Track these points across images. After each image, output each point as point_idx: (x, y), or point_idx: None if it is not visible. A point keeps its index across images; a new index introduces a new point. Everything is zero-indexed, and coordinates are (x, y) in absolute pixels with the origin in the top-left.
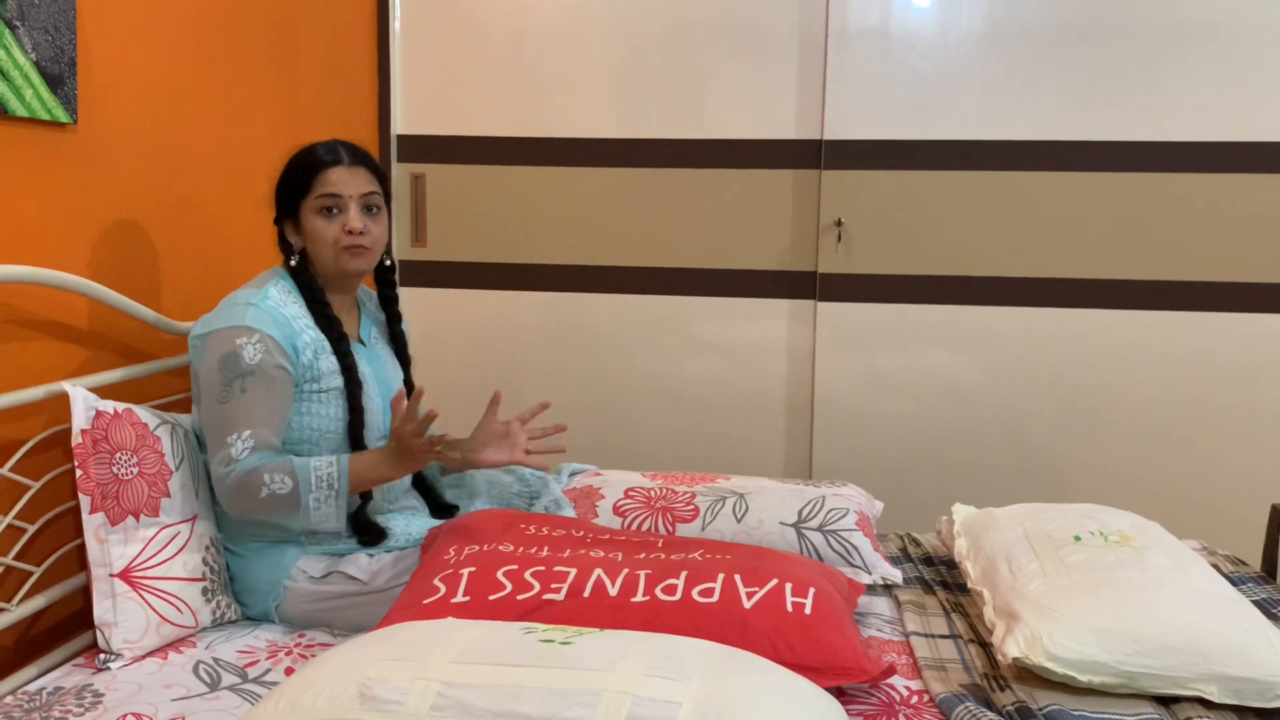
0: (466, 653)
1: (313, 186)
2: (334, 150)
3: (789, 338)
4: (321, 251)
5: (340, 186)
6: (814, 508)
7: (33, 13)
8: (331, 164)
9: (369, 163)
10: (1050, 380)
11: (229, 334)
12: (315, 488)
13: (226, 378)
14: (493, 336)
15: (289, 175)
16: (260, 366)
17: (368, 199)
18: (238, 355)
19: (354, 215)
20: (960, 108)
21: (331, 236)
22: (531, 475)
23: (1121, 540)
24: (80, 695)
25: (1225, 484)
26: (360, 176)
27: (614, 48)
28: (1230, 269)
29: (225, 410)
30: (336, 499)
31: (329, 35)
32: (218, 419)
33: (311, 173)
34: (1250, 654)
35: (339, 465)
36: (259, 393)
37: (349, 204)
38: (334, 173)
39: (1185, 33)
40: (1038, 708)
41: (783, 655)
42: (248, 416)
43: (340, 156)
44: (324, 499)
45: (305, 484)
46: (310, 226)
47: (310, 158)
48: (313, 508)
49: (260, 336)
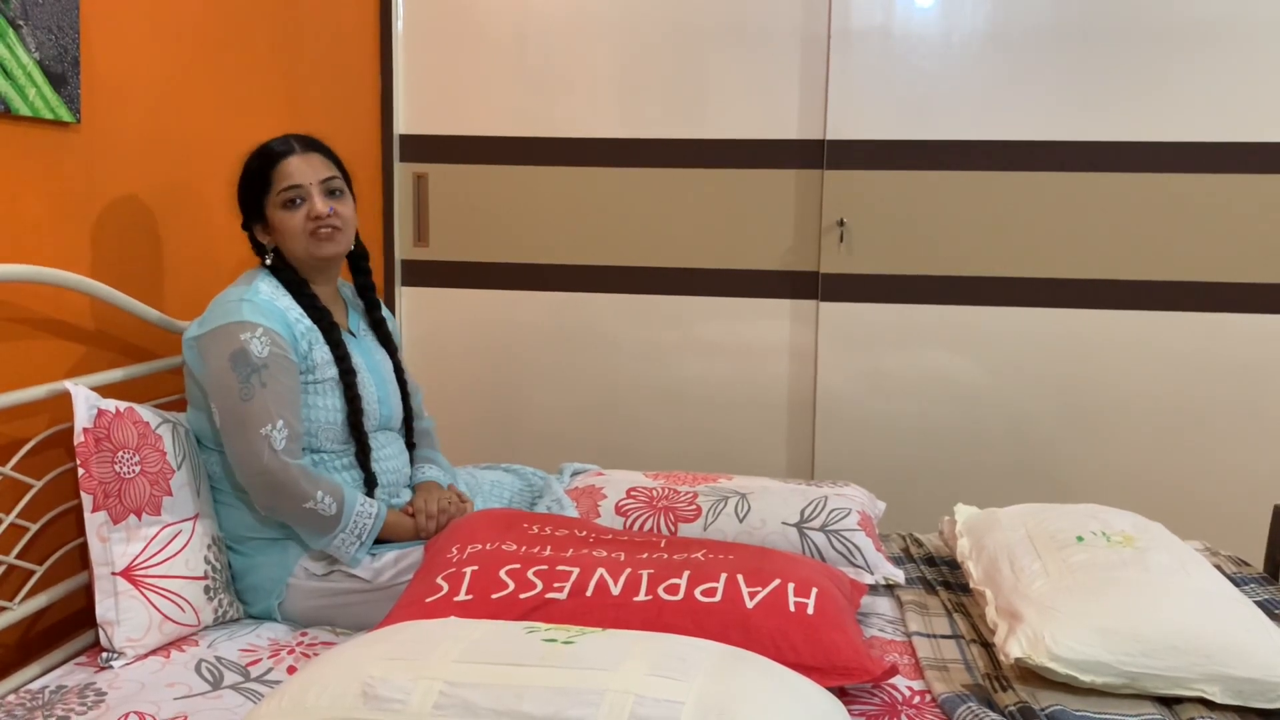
0: (469, 652)
1: (272, 181)
2: (285, 141)
3: (791, 338)
4: (293, 244)
5: (299, 176)
6: (816, 508)
7: (36, 12)
8: (284, 154)
9: (321, 148)
10: (1052, 380)
11: (231, 330)
12: (353, 524)
13: (243, 375)
14: (495, 336)
15: (247, 177)
16: (271, 359)
17: (328, 184)
18: (246, 351)
19: (318, 201)
20: (963, 108)
21: (299, 226)
22: (534, 475)
23: (1124, 540)
24: (83, 694)
25: (1228, 484)
26: (315, 162)
27: (616, 47)
28: (1232, 269)
29: (251, 407)
30: (361, 541)
31: (331, 35)
32: (243, 416)
33: (268, 167)
34: (1253, 655)
35: (378, 515)
36: (278, 383)
37: (310, 191)
38: (290, 163)
39: (1187, 33)
40: (1040, 708)
41: (785, 655)
42: (276, 408)
43: (292, 146)
44: (352, 537)
45: (348, 516)
46: (277, 221)
47: (263, 154)
48: (339, 541)
49: (263, 329)
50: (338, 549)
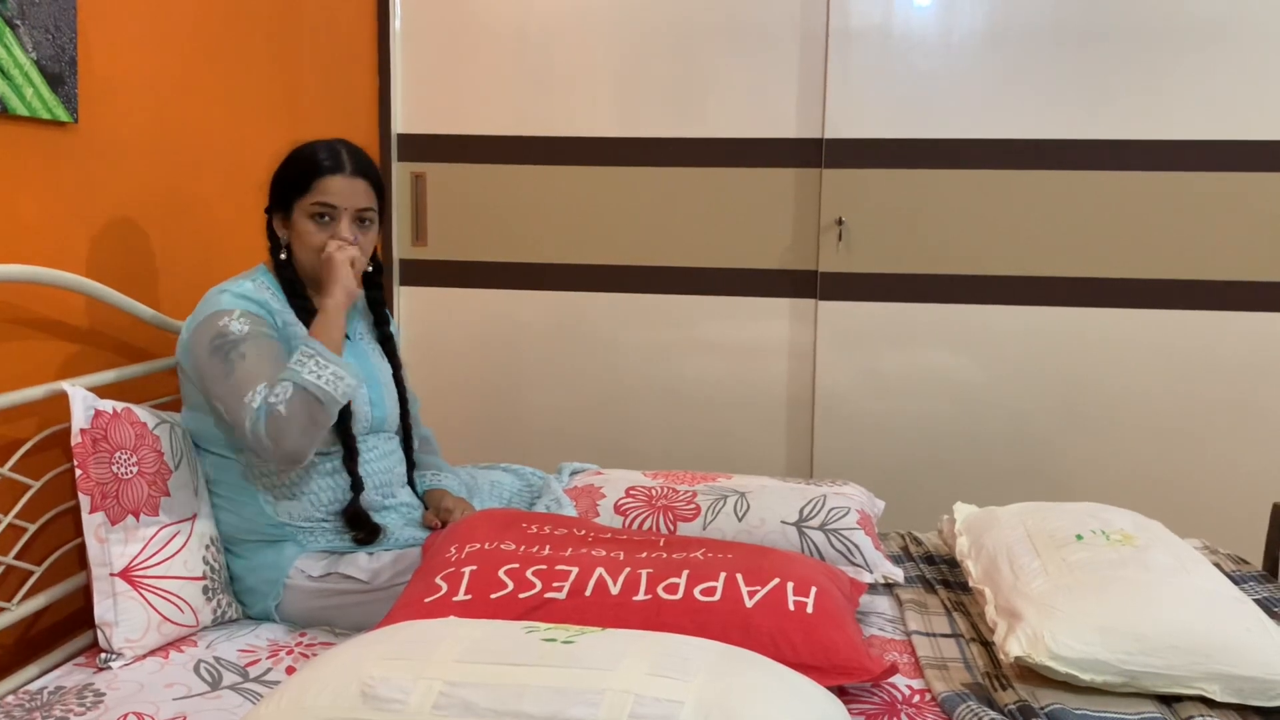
0: (469, 652)
1: (310, 190)
2: (337, 155)
3: (790, 337)
4: (305, 255)
5: (337, 198)
6: (815, 507)
7: (33, 12)
8: (333, 171)
9: (370, 173)
10: (1051, 379)
11: (211, 321)
12: (304, 368)
13: (223, 353)
14: (493, 335)
15: (288, 172)
16: (249, 334)
17: (362, 213)
18: (224, 332)
19: (345, 227)
20: (962, 106)
21: (318, 243)
22: (533, 474)
23: (1123, 539)
24: (81, 694)
25: (1227, 483)
26: (359, 189)
27: (615, 46)
28: (1232, 268)
29: (233, 382)
30: (324, 357)
31: (330, 34)
32: (230, 392)
33: (311, 176)
34: (1252, 653)
35: (305, 343)
36: (257, 352)
37: (342, 216)
38: (334, 181)
39: (1186, 32)
40: (1039, 706)
41: (785, 654)
42: (255, 374)
43: (343, 164)
44: (318, 366)
45: (296, 375)
46: (300, 227)
47: (313, 160)
48: (319, 382)
49: (241, 312)
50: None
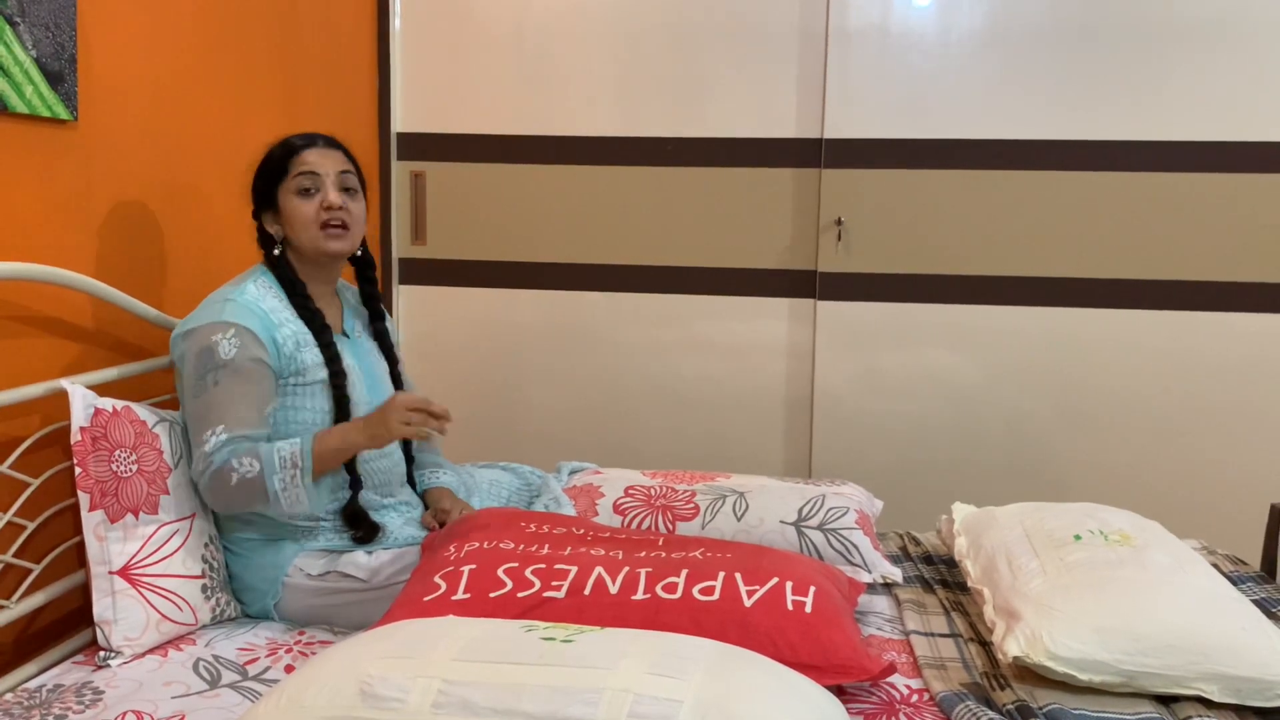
0: (468, 650)
1: (289, 168)
2: (307, 136)
3: (789, 336)
4: (301, 234)
5: (316, 165)
6: (814, 506)
7: (33, 9)
8: (307, 145)
9: (342, 148)
10: (1050, 379)
11: (206, 331)
12: (280, 468)
13: (200, 371)
14: (493, 335)
15: (265, 164)
16: (234, 361)
17: (344, 178)
18: (213, 350)
19: (332, 192)
20: (960, 107)
21: (310, 215)
22: (532, 473)
23: (1122, 539)
24: (80, 692)
25: (1225, 483)
26: (335, 157)
27: (614, 45)
28: (1230, 268)
29: (199, 405)
30: (302, 477)
31: (329, 33)
32: (194, 415)
33: (287, 156)
34: (1250, 653)
35: (302, 444)
36: (232, 386)
37: (325, 182)
38: (309, 153)
39: (1185, 32)
40: (1038, 706)
41: (783, 654)
42: (220, 411)
43: (314, 139)
44: (289, 480)
45: (270, 465)
46: (289, 209)
47: (286, 144)
48: (279, 490)
49: (236, 330)
50: (288, 500)
